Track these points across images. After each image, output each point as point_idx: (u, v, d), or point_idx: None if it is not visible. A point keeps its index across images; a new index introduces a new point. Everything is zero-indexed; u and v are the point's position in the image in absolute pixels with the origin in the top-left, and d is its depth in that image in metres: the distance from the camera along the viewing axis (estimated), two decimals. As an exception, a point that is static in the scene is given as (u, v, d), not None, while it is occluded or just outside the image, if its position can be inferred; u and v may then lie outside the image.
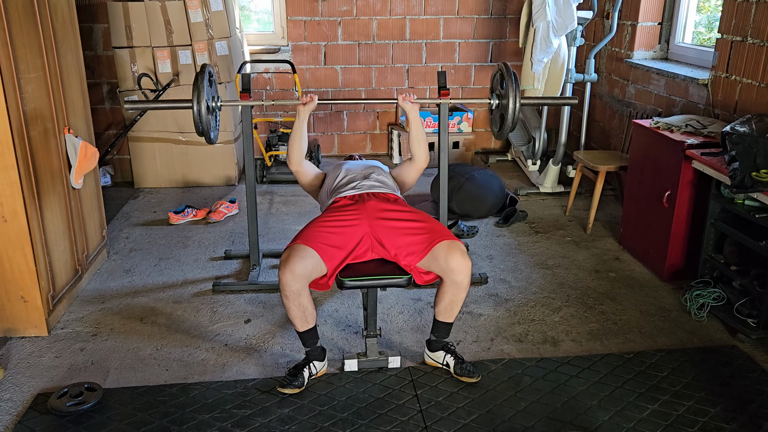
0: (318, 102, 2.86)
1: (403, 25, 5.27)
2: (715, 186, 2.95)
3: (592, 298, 3.20)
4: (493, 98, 2.75)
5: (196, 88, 2.62)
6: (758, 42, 3.17)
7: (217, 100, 2.79)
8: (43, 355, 2.70)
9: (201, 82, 2.65)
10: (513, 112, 2.59)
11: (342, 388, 2.49)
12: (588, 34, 4.99)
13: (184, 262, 3.59)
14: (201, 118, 2.62)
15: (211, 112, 2.70)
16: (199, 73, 2.67)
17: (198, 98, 2.61)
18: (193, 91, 2.62)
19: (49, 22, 2.90)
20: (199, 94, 2.61)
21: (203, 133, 2.69)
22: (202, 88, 2.63)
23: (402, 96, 2.83)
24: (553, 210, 4.40)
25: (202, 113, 2.61)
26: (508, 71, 2.64)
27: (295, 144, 2.84)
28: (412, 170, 2.92)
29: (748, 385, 2.50)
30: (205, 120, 2.63)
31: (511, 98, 2.59)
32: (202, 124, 2.63)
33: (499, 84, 2.74)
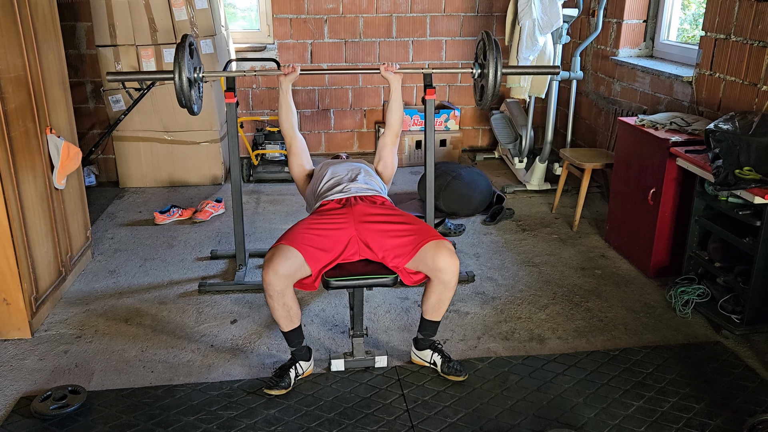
0: (300, 73, 2.94)
1: (389, 22, 5.26)
2: (699, 183, 2.96)
3: (578, 295, 3.22)
4: (476, 67, 2.76)
5: (178, 59, 2.57)
6: (741, 39, 3.19)
7: (199, 71, 2.74)
8: (26, 358, 2.67)
9: (182, 53, 2.60)
10: (494, 80, 2.60)
11: (329, 388, 2.48)
12: (574, 31, 5.01)
13: (169, 263, 3.56)
14: (183, 89, 2.58)
15: (193, 84, 2.66)
16: (180, 44, 2.62)
17: (179, 69, 2.56)
18: (175, 61, 2.57)
19: (29, 21, 2.86)
20: (180, 65, 2.56)
21: (186, 105, 2.65)
22: (183, 58, 2.58)
23: (384, 66, 2.88)
24: (539, 208, 4.41)
25: (184, 85, 2.57)
26: (489, 40, 2.64)
27: (282, 114, 2.94)
28: (386, 142, 2.97)
29: (732, 380, 2.52)
30: (187, 91, 2.59)
31: (492, 67, 2.59)
32: (184, 95, 2.59)
33: (481, 53, 2.74)
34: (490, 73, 2.60)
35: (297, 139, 2.96)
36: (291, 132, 2.94)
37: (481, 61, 2.73)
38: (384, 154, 2.96)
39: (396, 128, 2.99)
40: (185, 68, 2.56)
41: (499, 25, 5.36)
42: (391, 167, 2.97)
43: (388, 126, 3.00)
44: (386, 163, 2.95)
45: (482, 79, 2.73)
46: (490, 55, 2.61)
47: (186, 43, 2.63)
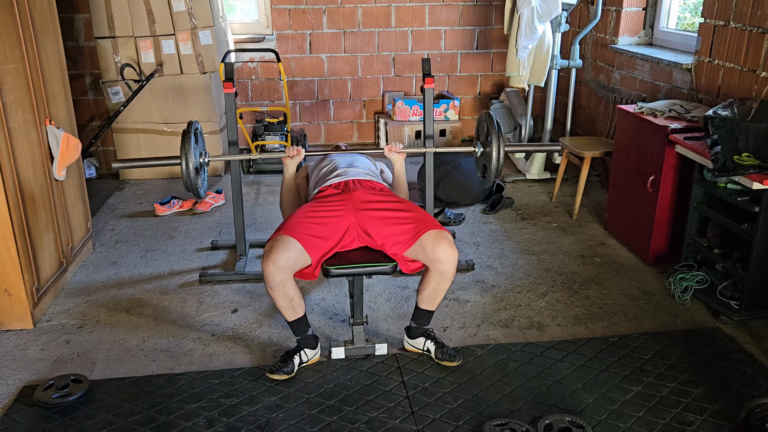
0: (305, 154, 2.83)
1: (388, 12, 5.25)
2: (698, 170, 2.97)
3: (578, 283, 3.23)
4: (478, 146, 2.76)
5: (184, 149, 2.53)
6: (740, 26, 3.18)
7: (204, 156, 2.71)
8: (28, 348, 2.69)
9: (188, 142, 2.55)
10: (497, 160, 2.60)
11: (329, 376, 2.50)
12: (573, 20, 4.99)
13: (170, 253, 3.58)
14: (190, 177, 2.56)
15: (199, 170, 2.64)
16: (185, 132, 2.58)
17: (186, 158, 2.53)
18: (181, 151, 2.53)
19: (27, 13, 2.86)
20: (187, 155, 2.53)
21: (192, 190, 2.64)
22: (189, 148, 2.53)
23: (388, 147, 2.78)
24: (539, 196, 4.42)
25: (191, 174, 2.55)
26: (491, 121, 2.65)
27: (286, 199, 2.87)
28: None
29: (730, 366, 2.53)
30: (194, 179, 2.57)
31: (495, 147, 2.59)
32: (191, 182, 2.58)
33: (483, 133, 2.74)
34: (493, 153, 2.59)
35: None
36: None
37: (483, 140, 2.73)
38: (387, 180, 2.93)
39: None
40: (192, 156, 2.54)
41: (497, 14, 5.34)
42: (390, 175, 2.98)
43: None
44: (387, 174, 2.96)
45: (484, 158, 2.73)
46: (492, 135, 2.60)
47: (191, 130, 2.59)
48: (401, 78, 5.46)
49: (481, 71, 5.54)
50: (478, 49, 5.46)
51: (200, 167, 2.67)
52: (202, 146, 2.73)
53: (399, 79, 5.46)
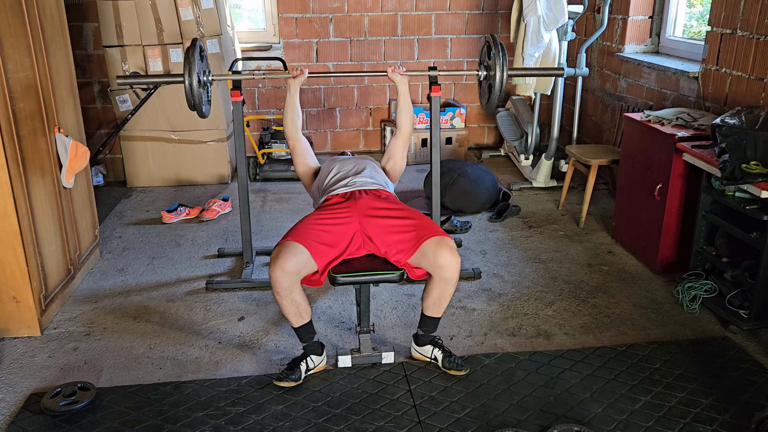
0: (308, 76, 2.92)
1: (394, 21, 5.27)
2: (705, 178, 2.96)
3: (585, 291, 3.21)
4: (481, 69, 2.76)
5: (188, 62, 2.60)
6: (747, 34, 3.18)
7: (208, 74, 2.77)
8: (35, 355, 2.69)
9: (192, 56, 2.63)
10: (500, 82, 2.60)
11: (336, 384, 2.49)
12: (579, 28, 5.00)
13: (177, 261, 3.58)
14: (193, 92, 2.61)
15: (202, 87, 2.70)
16: (190, 47, 2.65)
17: (189, 72, 2.59)
18: (185, 65, 2.60)
19: (37, 21, 2.88)
20: (191, 68, 2.59)
21: (195, 107, 2.68)
22: (193, 62, 2.61)
23: (391, 68, 2.87)
24: (546, 204, 4.41)
25: (194, 88, 2.60)
26: (495, 42, 2.65)
27: (288, 116, 2.93)
28: (398, 143, 2.96)
29: (739, 376, 2.51)
30: (197, 94, 2.62)
31: (498, 69, 2.59)
32: (194, 98, 2.62)
33: (486, 55, 2.74)
34: (497, 74, 2.60)
35: (300, 141, 2.96)
36: (294, 134, 2.95)
37: (486, 63, 2.74)
38: (393, 154, 2.96)
39: (407, 130, 2.98)
40: (195, 71, 2.59)
41: (504, 22, 5.35)
42: (400, 166, 2.98)
43: (399, 128, 2.99)
44: (395, 161, 2.96)
45: (488, 80, 2.73)
46: (495, 57, 2.61)
47: (196, 46, 2.66)
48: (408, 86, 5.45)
49: (488, 79, 5.54)
50: (485, 58, 5.46)
51: (203, 84, 2.71)
52: (206, 65, 2.78)
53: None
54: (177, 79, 2.71)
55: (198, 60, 2.66)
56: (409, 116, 2.97)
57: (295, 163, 3.01)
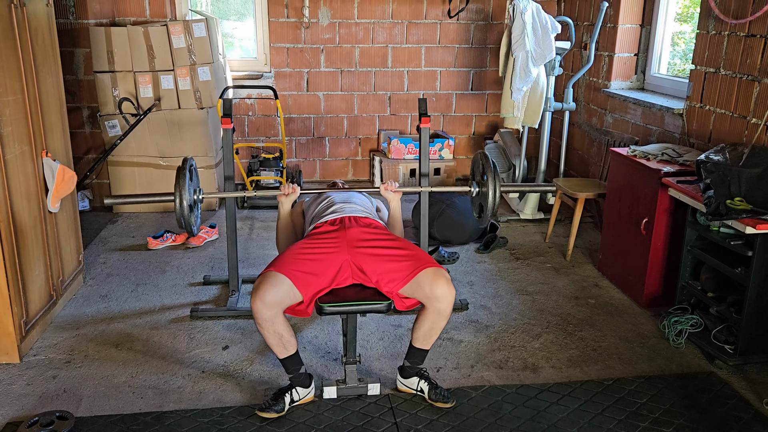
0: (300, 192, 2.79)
1: (385, 53, 5.34)
2: (691, 213, 2.99)
3: (572, 324, 3.21)
4: (474, 186, 2.78)
5: (178, 186, 2.50)
6: (731, 73, 3.25)
7: (199, 192, 2.69)
8: (13, 383, 2.63)
9: (183, 179, 2.52)
10: (493, 200, 2.61)
11: (321, 416, 2.45)
12: (566, 64, 5.09)
13: (162, 288, 3.54)
14: (183, 214, 2.53)
15: (193, 207, 2.62)
16: (180, 168, 2.54)
17: (180, 195, 2.49)
18: (176, 188, 2.49)
19: (29, 46, 2.89)
20: (182, 192, 2.50)
21: (186, 228, 2.61)
22: (183, 185, 2.50)
23: (384, 185, 2.79)
24: (533, 237, 4.43)
25: (185, 211, 2.52)
26: (487, 161, 2.67)
27: (282, 235, 2.83)
28: None
29: (726, 411, 2.51)
30: (187, 216, 2.55)
31: (491, 187, 2.60)
32: (185, 219, 2.55)
33: (479, 173, 2.76)
34: (489, 193, 2.61)
35: None
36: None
37: (479, 180, 2.76)
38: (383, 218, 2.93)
39: None
40: (186, 194, 2.52)
41: (492, 56, 5.44)
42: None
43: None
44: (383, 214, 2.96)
45: (480, 198, 2.74)
46: (488, 177, 2.62)
47: (186, 166, 2.57)
48: (397, 117, 5.52)
49: (476, 112, 5.61)
50: (473, 90, 5.55)
51: (194, 204, 2.65)
52: (197, 183, 2.71)
53: (394, 117, 5.52)
54: (167, 198, 2.59)
55: (188, 181, 2.57)
56: (399, 232, 2.86)
57: None
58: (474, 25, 5.36)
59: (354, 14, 5.20)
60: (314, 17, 5.15)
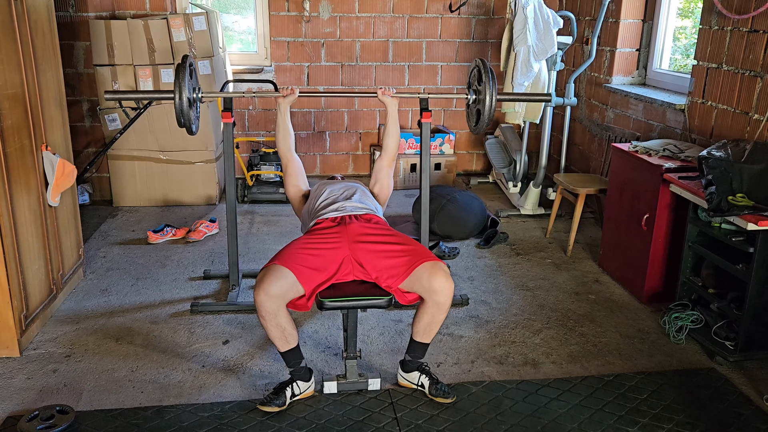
0: (299, 95, 2.94)
1: (386, 47, 5.32)
2: (692, 209, 2.98)
3: (572, 320, 3.21)
4: (470, 93, 2.78)
5: (178, 79, 2.59)
6: (733, 69, 3.24)
7: (198, 91, 2.77)
8: (13, 377, 2.63)
9: (182, 73, 2.63)
10: (489, 105, 2.62)
11: (321, 411, 2.45)
12: (568, 59, 5.07)
13: (162, 282, 3.54)
14: (183, 110, 2.60)
15: (192, 104, 2.68)
16: (180, 64, 2.64)
17: (180, 89, 2.58)
18: (175, 81, 2.60)
19: (29, 39, 2.87)
20: (181, 86, 2.58)
21: (185, 125, 2.66)
22: (183, 78, 2.60)
23: (381, 90, 2.89)
24: (533, 232, 4.42)
25: (184, 105, 2.59)
26: (485, 67, 2.67)
27: (280, 136, 2.95)
28: (382, 164, 2.99)
29: (726, 408, 2.51)
30: (186, 112, 2.60)
31: (488, 93, 2.62)
32: (184, 115, 2.60)
33: (476, 80, 2.77)
34: (486, 98, 2.63)
35: (294, 161, 2.97)
36: (288, 153, 2.96)
37: (476, 87, 2.76)
38: (380, 176, 2.97)
39: (392, 151, 3.01)
40: (185, 88, 2.58)
41: (494, 51, 5.42)
42: (387, 189, 2.98)
43: (385, 148, 3.01)
44: (382, 184, 2.96)
45: (477, 104, 2.76)
46: (485, 81, 2.64)
47: (186, 63, 2.65)
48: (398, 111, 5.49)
49: (477, 107, 5.59)
50: (474, 85, 5.52)
51: (193, 102, 2.69)
52: (196, 82, 2.78)
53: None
54: (167, 95, 2.69)
55: (188, 77, 2.65)
56: (396, 138, 3.00)
57: (286, 183, 3.00)
58: (475, 19, 5.34)
59: (355, 8, 5.18)
60: (315, 11, 5.13)
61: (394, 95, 2.89)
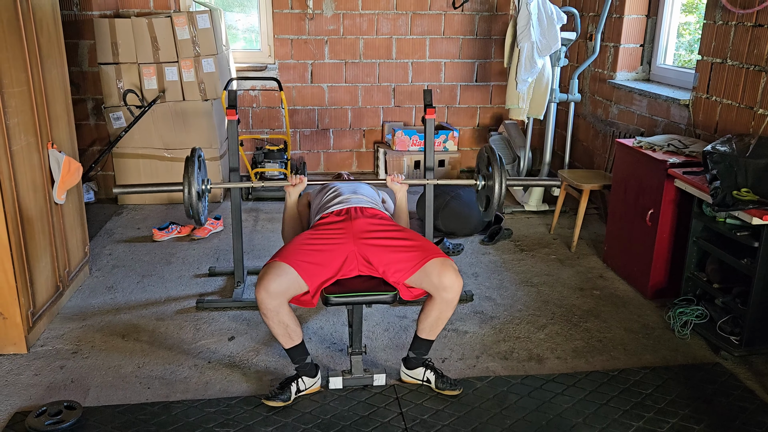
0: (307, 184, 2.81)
1: (389, 44, 5.32)
2: (697, 204, 2.98)
3: (577, 315, 3.21)
4: (480, 179, 2.77)
5: (187, 174, 2.52)
6: (737, 64, 3.23)
7: (206, 183, 2.71)
8: (21, 373, 2.65)
9: (192, 168, 2.54)
10: (499, 193, 2.60)
11: (327, 406, 2.46)
12: (572, 54, 5.07)
13: (167, 279, 3.55)
14: (192, 204, 2.54)
15: (201, 197, 2.64)
16: (189, 158, 2.57)
17: (189, 184, 2.51)
18: (184, 177, 2.52)
19: (34, 37, 2.88)
20: (191, 180, 2.52)
21: (194, 217, 2.62)
22: (192, 173, 2.52)
23: (390, 177, 2.79)
24: (537, 228, 4.43)
25: (194, 200, 2.54)
26: (493, 154, 2.66)
27: (288, 226, 2.84)
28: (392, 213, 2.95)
29: (731, 402, 2.51)
30: (195, 205, 2.56)
31: (497, 181, 2.59)
32: (193, 209, 2.56)
33: (485, 166, 2.76)
34: (495, 186, 2.60)
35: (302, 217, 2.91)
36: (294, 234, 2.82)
37: (485, 173, 2.75)
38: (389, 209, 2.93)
39: None
40: (195, 183, 2.53)
41: (497, 47, 5.42)
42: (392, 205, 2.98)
43: None
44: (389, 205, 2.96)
45: (486, 191, 2.74)
46: (494, 169, 2.61)
47: (195, 156, 2.58)
48: (401, 108, 5.51)
49: (480, 103, 5.60)
50: (478, 82, 5.53)
51: (202, 193, 2.66)
52: (204, 173, 2.72)
53: (399, 109, 5.51)
54: (176, 188, 2.60)
55: (197, 171, 2.58)
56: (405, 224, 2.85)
57: None
58: (479, 15, 5.34)
59: (358, 5, 5.18)
60: (318, 8, 5.13)
61: (403, 182, 2.84)
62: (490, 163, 2.66)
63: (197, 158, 2.59)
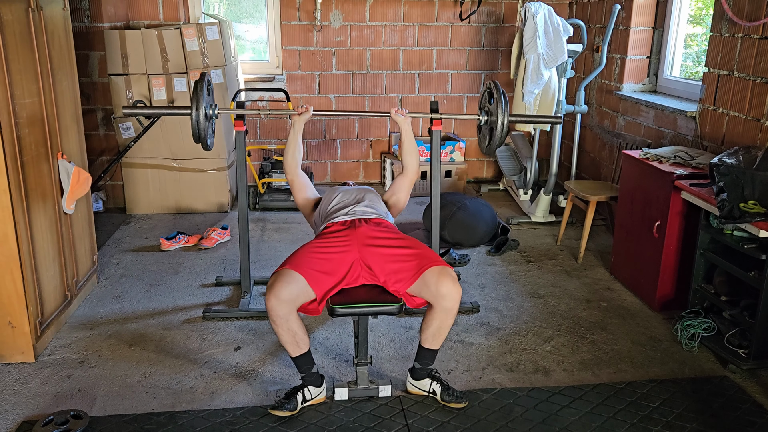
0: (313, 114, 2.99)
1: (396, 55, 5.35)
2: (704, 216, 2.97)
3: (584, 327, 3.20)
4: (482, 114, 2.81)
5: (196, 96, 2.65)
6: (744, 76, 3.23)
7: (214, 107, 2.82)
8: (29, 382, 2.66)
9: (200, 90, 2.68)
10: (501, 126, 2.65)
11: (332, 417, 2.46)
12: (578, 66, 5.08)
13: (174, 289, 3.57)
14: (199, 125, 2.65)
15: (208, 120, 2.74)
16: (199, 81, 2.70)
17: (197, 105, 2.63)
18: (192, 98, 2.65)
19: (45, 49, 2.92)
20: (198, 102, 2.64)
21: (200, 140, 2.72)
22: (201, 95, 2.66)
23: (394, 109, 2.95)
24: (544, 239, 4.42)
25: (201, 120, 2.64)
26: (497, 88, 2.71)
27: (290, 152, 2.96)
28: (404, 182, 2.99)
29: (739, 416, 2.49)
30: (203, 127, 2.66)
31: (500, 114, 2.65)
32: (200, 131, 2.66)
33: (487, 101, 2.80)
34: (498, 119, 2.65)
35: (298, 176, 2.98)
36: (294, 170, 2.97)
37: (487, 108, 2.79)
38: (399, 191, 2.97)
39: (414, 169, 2.99)
40: (203, 104, 2.63)
41: (504, 59, 5.44)
42: (403, 203, 3.00)
43: (406, 168, 3.00)
44: (399, 198, 2.98)
45: (489, 125, 2.79)
46: (497, 102, 2.67)
47: (204, 80, 2.71)
48: (408, 119, 5.51)
49: (487, 114, 5.60)
50: (485, 93, 5.53)
51: (209, 117, 2.75)
52: (212, 98, 2.83)
53: (406, 120, 5.52)
54: (184, 111, 2.74)
55: (206, 94, 2.71)
56: (415, 156, 2.99)
57: (294, 196, 3.03)
58: (485, 27, 5.36)
59: (365, 17, 5.22)
60: (326, 20, 5.17)
61: (407, 114, 2.91)
62: (493, 97, 2.69)
63: (206, 82, 2.69)
